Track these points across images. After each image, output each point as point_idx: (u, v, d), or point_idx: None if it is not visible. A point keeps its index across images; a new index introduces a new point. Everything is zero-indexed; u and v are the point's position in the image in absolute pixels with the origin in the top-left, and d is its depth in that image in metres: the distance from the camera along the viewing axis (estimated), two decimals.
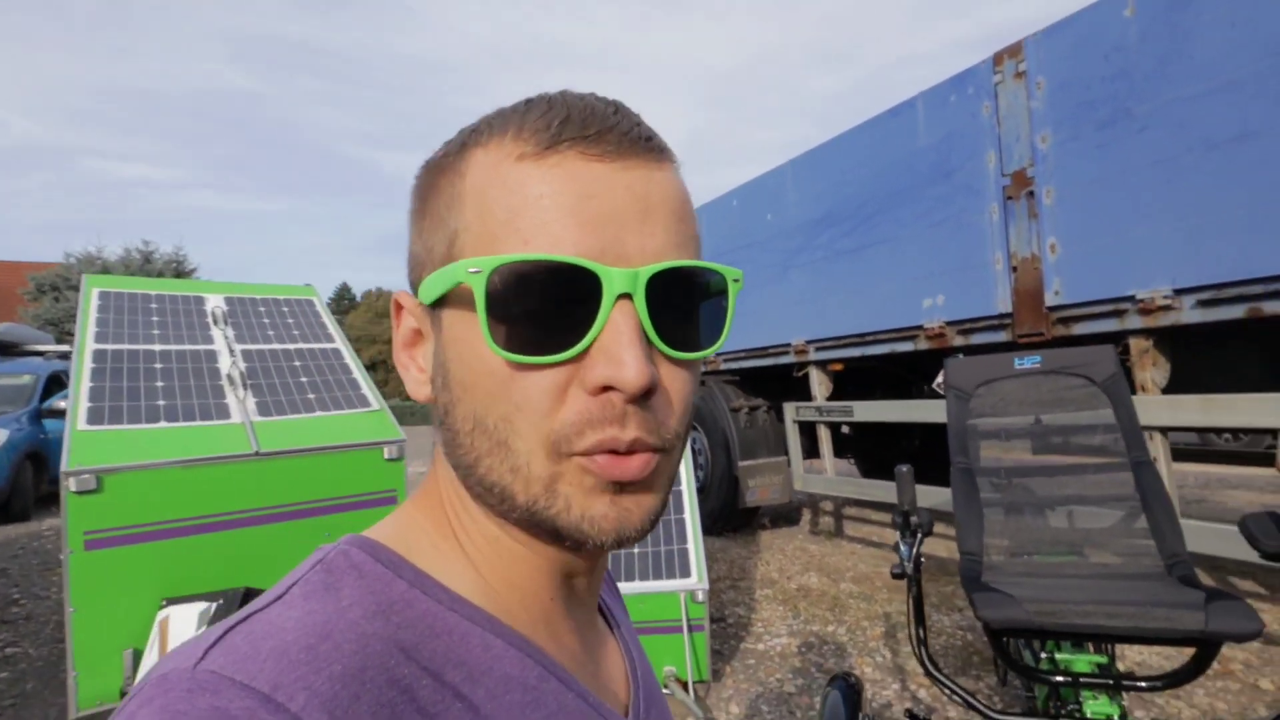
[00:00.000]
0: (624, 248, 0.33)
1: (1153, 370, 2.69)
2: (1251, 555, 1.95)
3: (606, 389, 0.33)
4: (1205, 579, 3.48)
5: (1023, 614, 1.65)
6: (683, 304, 0.36)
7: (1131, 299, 2.65)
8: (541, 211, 0.33)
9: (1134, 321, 2.67)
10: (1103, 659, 1.87)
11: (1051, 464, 2.27)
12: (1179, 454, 4.31)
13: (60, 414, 7.01)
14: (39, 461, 7.11)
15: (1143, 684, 1.67)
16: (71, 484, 2.18)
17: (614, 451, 0.33)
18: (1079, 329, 2.88)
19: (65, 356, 8.66)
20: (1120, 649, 2.85)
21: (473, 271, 0.32)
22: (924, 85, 3.52)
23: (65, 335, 13.85)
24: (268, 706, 0.26)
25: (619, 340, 0.32)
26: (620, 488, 0.34)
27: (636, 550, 2.84)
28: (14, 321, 12.43)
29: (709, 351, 0.38)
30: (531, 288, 0.32)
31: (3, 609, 4.03)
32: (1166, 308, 2.55)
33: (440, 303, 0.36)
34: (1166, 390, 2.69)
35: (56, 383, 7.70)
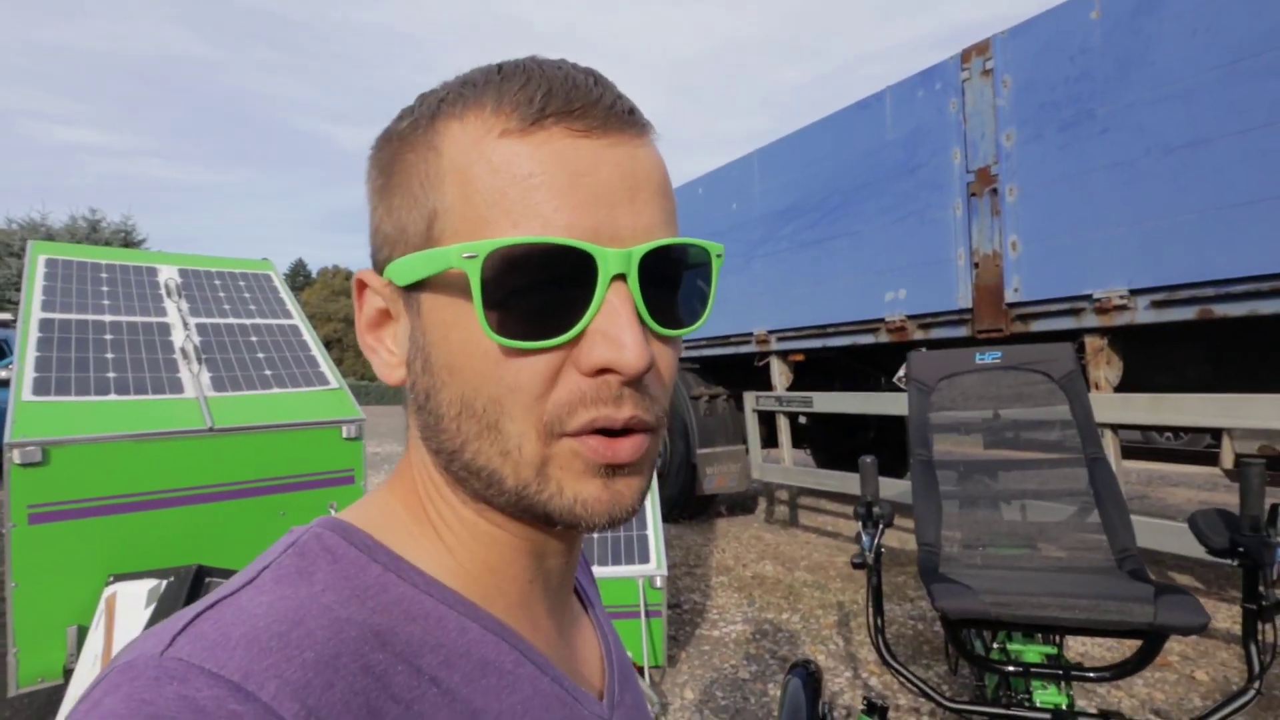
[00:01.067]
0: (616, 227, 0.33)
1: (1106, 369, 2.76)
2: (1195, 550, 2.01)
3: (603, 371, 0.32)
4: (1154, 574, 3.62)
5: (980, 605, 1.66)
6: (671, 281, 0.36)
7: (1089, 298, 2.71)
8: (531, 192, 0.32)
9: (1090, 320, 2.73)
10: (1052, 649, 1.91)
11: (1008, 458, 2.31)
12: (1125, 451, 4.48)
13: (3, 384, 6.68)
14: None
15: (1091, 674, 1.70)
16: (16, 456, 2.12)
17: (605, 433, 0.33)
18: (1037, 326, 2.93)
19: (6, 325, 8.24)
20: (1068, 641, 2.94)
21: (467, 257, 0.31)
22: (888, 81, 3.52)
23: (7, 303, 13.12)
24: (237, 696, 0.25)
25: (617, 322, 0.32)
26: (612, 470, 0.34)
27: (596, 535, 2.80)
28: None
29: (695, 326, 0.38)
30: (526, 271, 0.31)
31: None
32: (1122, 307, 2.61)
33: (419, 285, 0.34)
34: (1118, 389, 2.76)
35: (0, 351, 7.31)
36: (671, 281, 0.35)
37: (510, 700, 0.35)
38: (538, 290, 0.32)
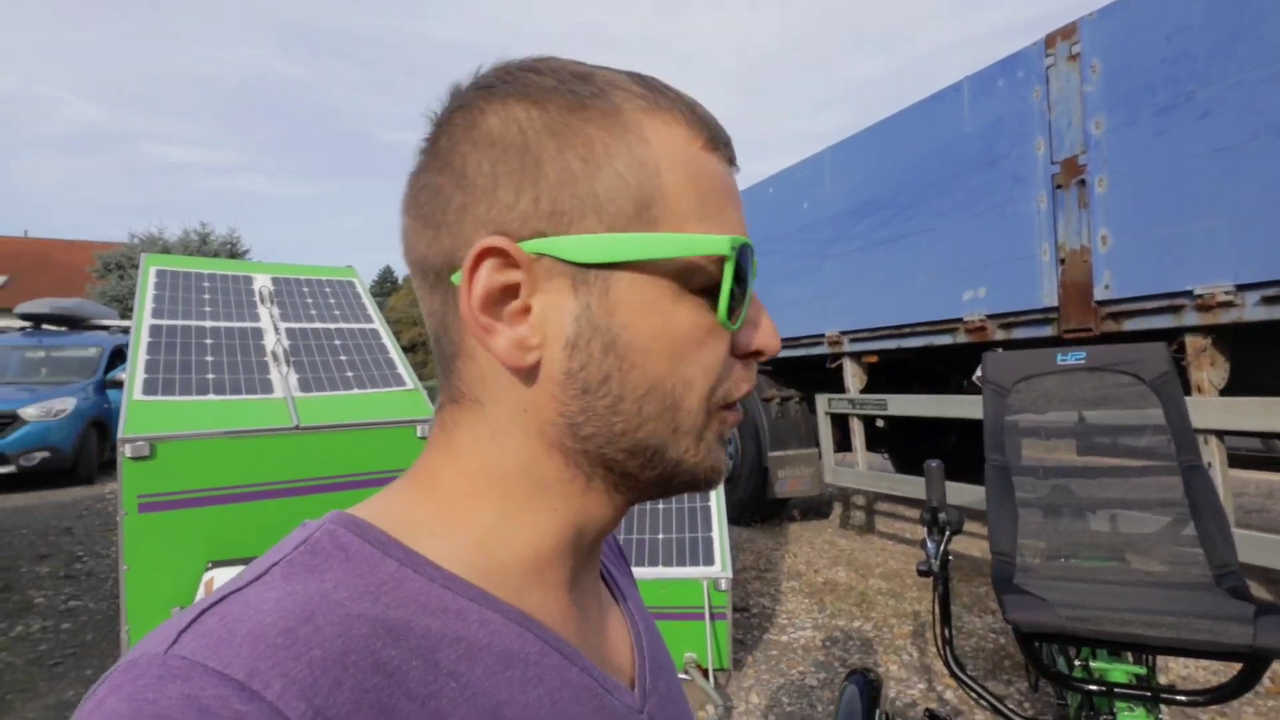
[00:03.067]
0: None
1: (1210, 370, 2.55)
2: None
3: (754, 353, 0.39)
4: (1260, 593, 3.32)
5: (1055, 619, 1.58)
6: None
7: (1189, 294, 2.51)
8: (726, 201, 0.37)
9: (1191, 318, 2.54)
10: (1141, 670, 1.79)
11: (1094, 465, 2.17)
12: (1240, 460, 4.11)
13: (122, 385, 7.30)
14: (103, 429, 7.53)
15: (1183, 698, 1.59)
16: (127, 450, 2.30)
17: (732, 406, 0.39)
18: (1131, 325, 2.74)
19: (128, 331, 9.04)
20: (1162, 662, 2.73)
21: (734, 249, 0.35)
22: (967, 71, 3.38)
23: (128, 311, 14.43)
24: (242, 695, 0.25)
25: (763, 314, 0.39)
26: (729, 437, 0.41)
27: (661, 536, 2.83)
28: (82, 298, 12.99)
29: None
30: (743, 266, 0.37)
31: (68, 565, 4.28)
32: (1227, 304, 2.41)
33: (615, 265, 0.34)
34: (1224, 392, 2.55)
35: (119, 356, 8.11)
36: None
37: (536, 692, 0.34)
38: (739, 283, 0.37)
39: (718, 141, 0.38)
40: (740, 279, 0.36)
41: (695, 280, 0.35)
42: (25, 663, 2.91)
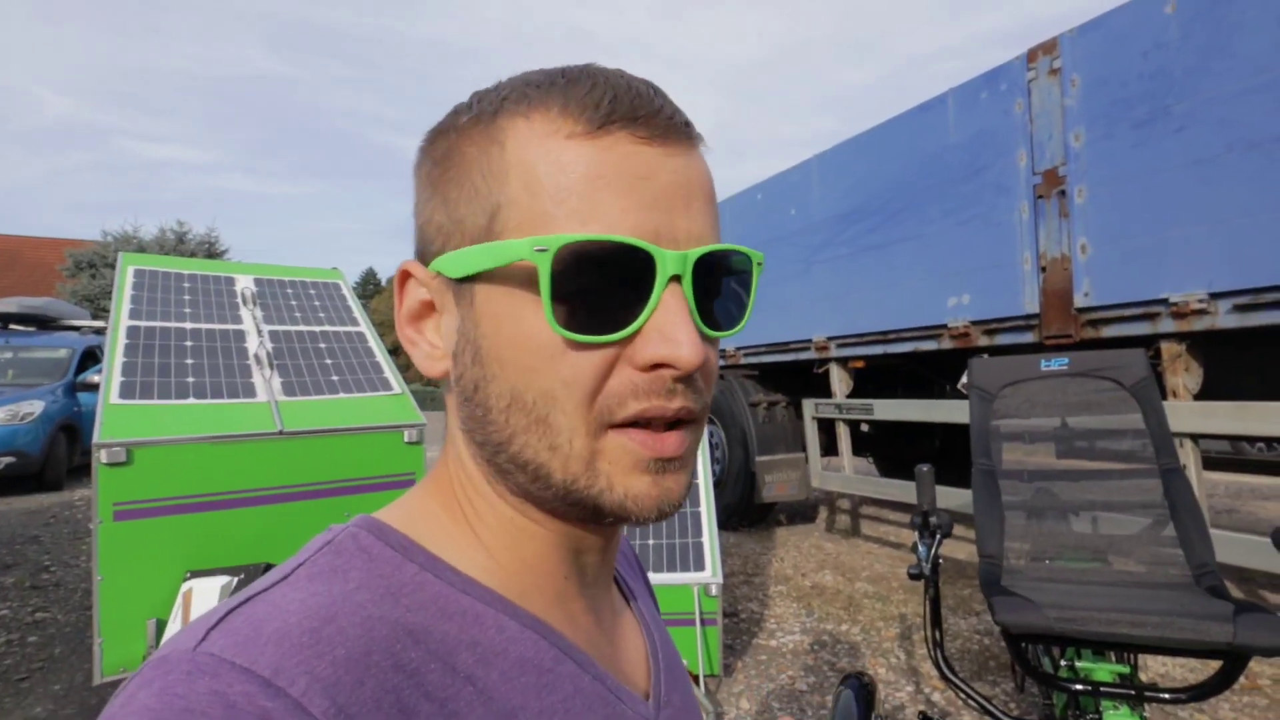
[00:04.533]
0: (673, 231, 0.34)
1: (1185, 376, 2.63)
2: None
3: (658, 366, 0.34)
4: (1235, 591, 3.40)
5: (1043, 620, 1.62)
6: (717, 285, 0.37)
7: (1165, 302, 2.59)
8: (597, 193, 0.33)
9: (1167, 325, 2.61)
10: (1124, 669, 1.83)
11: (1077, 468, 2.23)
12: (1210, 463, 4.21)
13: (94, 387, 7.17)
14: (72, 433, 7.32)
15: (1165, 695, 1.63)
16: (102, 455, 2.22)
17: (649, 428, 0.35)
18: (1109, 331, 2.82)
19: (100, 332, 8.80)
20: (1143, 660, 2.80)
21: (539, 250, 0.32)
22: (954, 79, 3.44)
23: (101, 311, 14.07)
24: (268, 691, 0.25)
25: (674, 320, 0.33)
26: (660, 466, 0.35)
27: (651, 541, 2.84)
28: (52, 297, 12.70)
29: (734, 331, 0.39)
30: (592, 268, 0.32)
31: (35, 575, 4.15)
32: (1201, 312, 2.48)
33: (475, 277, 0.35)
34: (1199, 396, 2.62)
35: (91, 357, 7.90)
36: (716, 286, 0.37)
37: (550, 699, 0.34)
38: (600, 287, 0.33)
39: (600, 121, 0.33)
40: (597, 277, 0.33)
41: (566, 287, 0.33)
42: None
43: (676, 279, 0.34)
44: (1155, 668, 2.79)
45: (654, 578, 2.68)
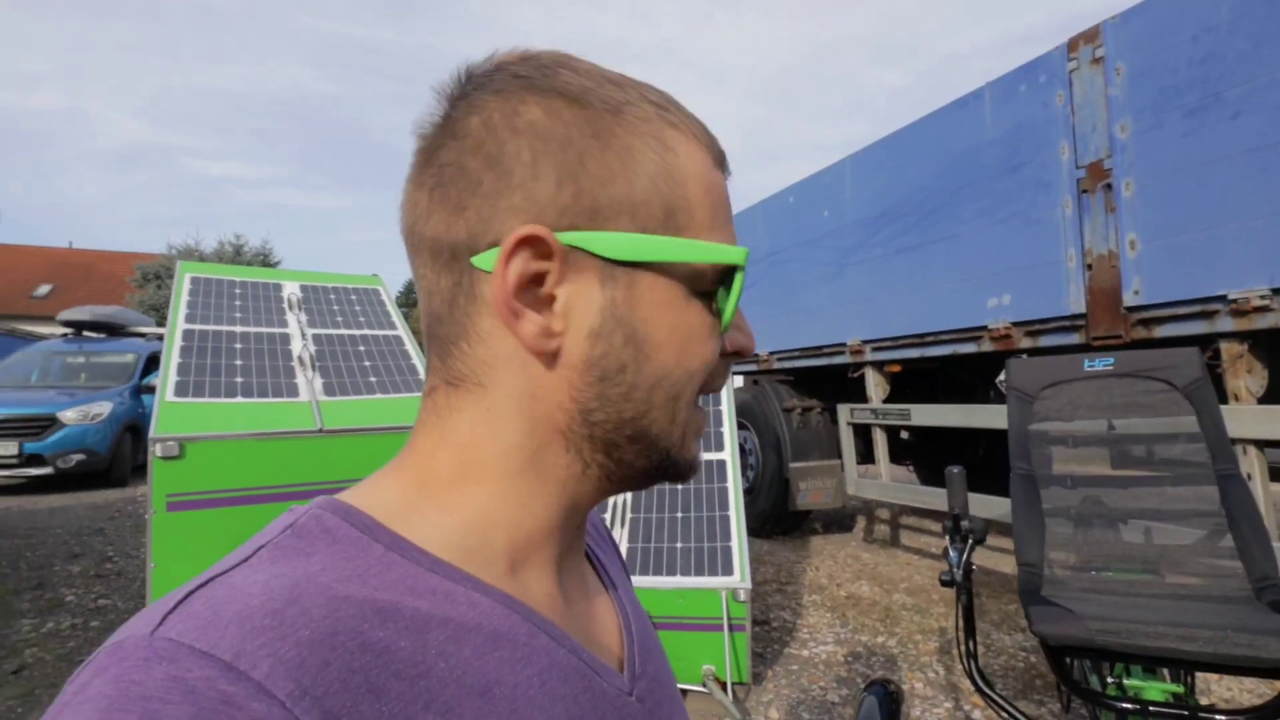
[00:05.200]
0: None
1: (1247, 377, 2.47)
2: None
3: (736, 353, 0.42)
4: None
5: (1084, 631, 1.53)
6: None
7: (1223, 299, 2.44)
8: (730, 214, 0.41)
9: (1226, 324, 2.46)
10: (1178, 688, 1.72)
11: (1125, 474, 2.11)
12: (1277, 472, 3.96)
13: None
14: (137, 433, 7.74)
15: (1222, 718, 1.52)
16: (157, 449, 2.34)
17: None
18: (1162, 331, 2.67)
19: (163, 338, 9.26)
20: (1205, 681, 2.63)
21: (745, 260, 0.39)
22: (990, 78, 3.34)
23: (165, 319, 14.84)
24: (229, 675, 0.25)
25: (743, 318, 0.42)
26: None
27: (680, 545, 2.80)
28: (121, 306, 13.41)
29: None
30: (741, 274, 0.40)
31: (99, 564, 4.38)
32: (1264, 309, 2.33)
33: (642, 263, 0.37)
34: (1263, 400, 2.46)
35: (155, 362, 8.32)
36: None
37: (525, 673, 0.34)
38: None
39: (721, 159, 0.41)
40: (730, 280, 0.40)
41: (701, 283, 0.38)
42: (54, 659, 2.97)
43: None
44: (1220, 691, 2.62)
45: (680, 581, 2.64)
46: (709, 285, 0.39)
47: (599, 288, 0.36)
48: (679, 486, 3.04)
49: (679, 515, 2.95)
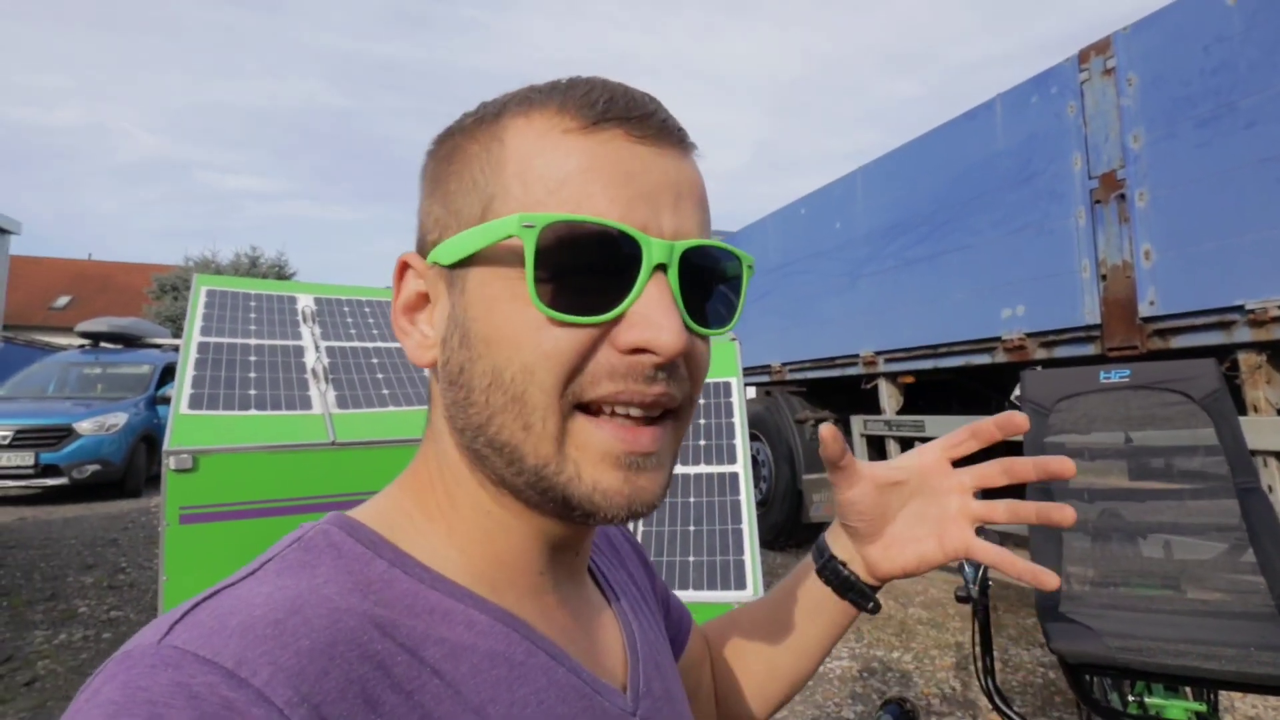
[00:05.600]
0: (660, 225, 0.35)
1: (1266, 388, 2.44)
2: None
3: (639, 351, 0.34)
4: None
5: (1103, 649, 1.51)
6: (706, 282, 0.38)
7: (1240, 309, 2.41)
8: (588, 183, 0.34)
9: (1243, 334, 2.43)
10: (1201, 707, 1.69)
11: (1144, 488, 2.08)
12: None
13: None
14: (152, 444, 7.77)
15: None
16: (171, 462, 2.35)
17: (626, 419, 0.35)
18: (1179, 342, 2.64)
19: (179, 349, 9.31)
20: (1229, 700, 2.58)
21: (526, 226, 0.33)
22: (1002, 88, 3.34)
23: (181, 331, 14.99)
24: (231, 682, 0.26)
25: (658, 306, 0.34)
26: (634, 461, 0.35)
27: (691, 559, 2.79)
28: (139, 317, 13.55)
29: (723, 331, 0.40)
30: (577, 249, 0.33)
31: (112, 575, 4.40)
32: None
33: (467, 261, 0.36)
34: None
35: (171, 373, 8.40)
36: (704, 283, 0.38)
37: (522, 691, 0.34)
38: (585, 269, 0.34)
39: (595, 119, 0.35)
40: (581, 258, 0.33)
41: (540, 270, 0.33)
42: (67, 670, 2.98)
43: (662, 268, 0.35)
44: (1244, 709, 2.56)
45: (693, 595, 2.62)
46: (554, 266, 0.33)
47: (447, 296, 0.37)
48: (690, 499, 3.03)
49: (691, 529, 2.94)
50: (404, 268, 0.39)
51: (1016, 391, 2.25)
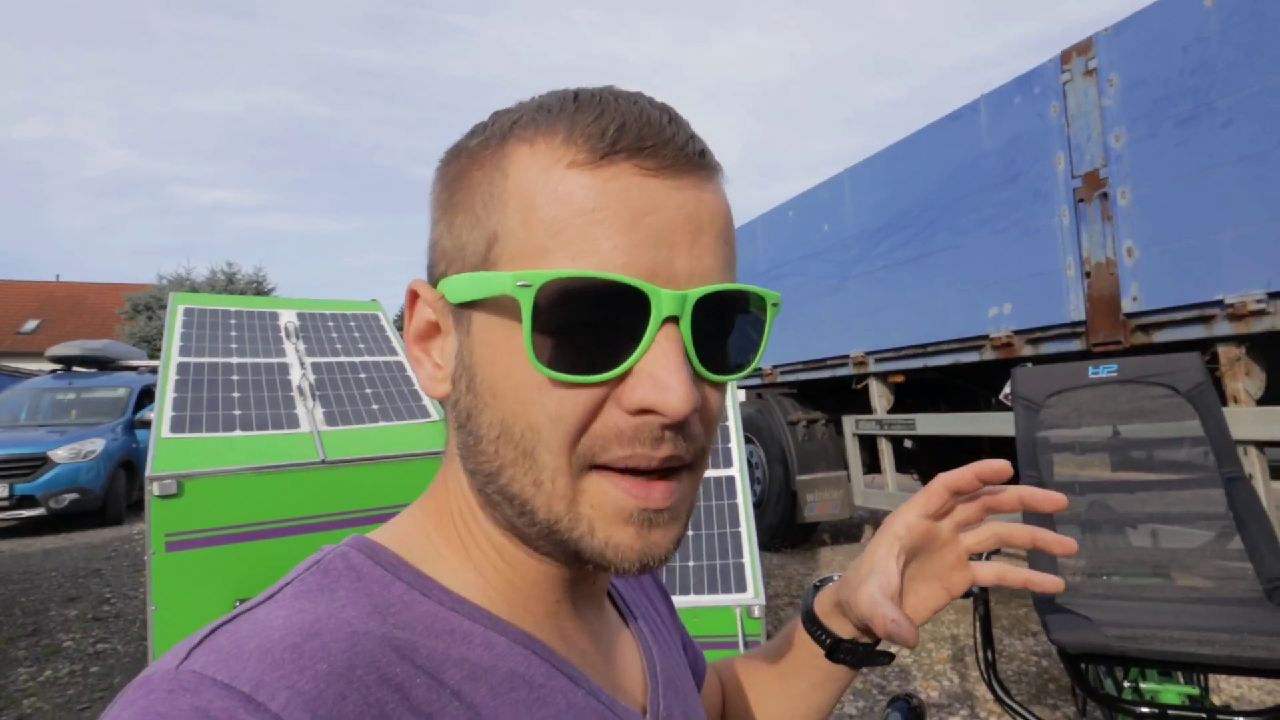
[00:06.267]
0: (673, 269, 0.33)
1: (1245, 380, 2.50)
2: None
3: (645, 412, 0.32)
4: None
5: (1100, 638, 1.54)
6: (723, 326, 0.35)
7: (1220, 304, 2.48)
8: (592, 226, 0.32)
9: (1223, 328, 2.50)
10: (1194, 690, 1.73)
11: (1132, 479, 2.13)
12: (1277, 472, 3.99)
13: (150, 424, 7.37)
14: (131, 469, 7.56)
15: (1239, 718, 1.53)
16: (155, 488, 2.27)
17: (638, 472, 0.33)
18: (1161, 336, 2.71)
19: (156, 371, 9.10)
20: (1215, 681, 2.64)
21: (522, 286, 0.31)
22: (986, 89, 3.40)
23: (157, 351, 14.61)
24: (248, 706, 0.25)
25: (665, 365, 0.32)
26: (647, 518, 0.34)
27: (691, 563, 2.81)
28: (111, 339, 13.27)
29: (742, 374, 0.37)
30: (579, 305, 0.31)
31: (96, 607, 4.29)
32: (1260, 312, 2.37)
33: (471, 305, 0.34)
34: (1262, 401, 2.49)
35: (148, 395, 8.18)
36: (724, 326, 0.35)
37: (541, 714, 0.34)
38: (589, 325, 0.32)
39: (604, 151, 0.32)
40: (585, 315, 0.31)
41: (544, 323, 0.32)
42: (54, 708, 2.89)
43: (673, 320, 0.32)
44: (1229, 690, 2.63)
45: (694, 600, 2.64)
46: (554, 324, 0.32)
47: (455, 333, 0.36)
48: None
49: (690, 533, 2.96)
50: (414, 296, 0.38)
51: (1007, 388, 2.29)
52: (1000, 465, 0.48)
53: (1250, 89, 2.35)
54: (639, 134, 0.33)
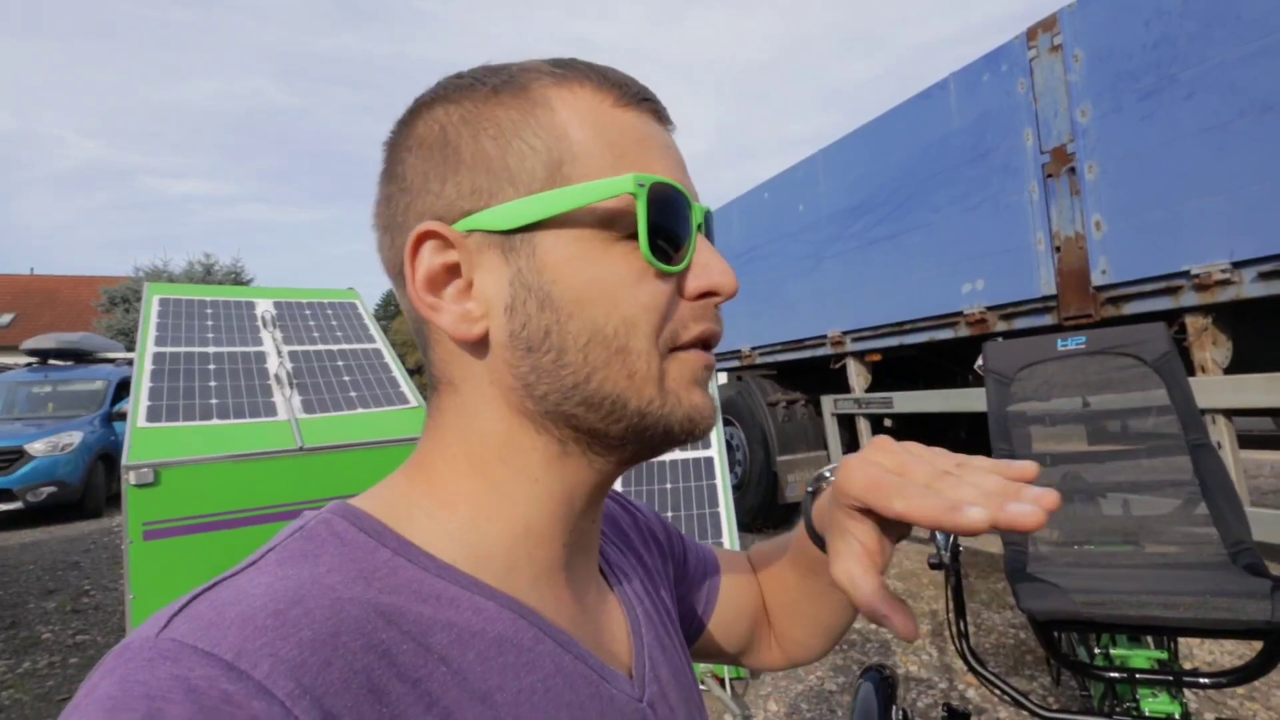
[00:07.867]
0: (692, 191, 0.40)
1: (1212, 349, 2.54)
2: None
3: (707, 295, 0.39)
4: (1276, 570, 3.27)
5: (1069, 605, 1.57)
6: (708, 235, 0.43)
7: (1186, 274, 2.51)
8: (646, 151, 0.38)
9: (1190, 298, 2.53)
10: (1163, 654, 1.77)
11: (1102, 449, 2.16)
12: (1252, 441, 4.07)
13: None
14: (110, 462, 7.50)
15: (1205, 680, 1.57)
16: (131, 477, 2.27)
17: (705, 346, 0.40)
18: (1130, 308, 2.74)
19: (133, 363, 9.01)
20: (1187, 646, 2.70)
21: (640, 185, 0.35)
22: (957, 66, 3.40)
23: (134, 344, 14.45)
24: (230, 674, 0.25)
25: (713, 256, 0.39)
26: (705, 379, 0.40)
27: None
28: (88, 332, 13.05)
29: None
30: (666, 206, 0.37)
31: (76, 599, 4.26)
32: (1225, 282, 2.40)
33: (534, 226, 0.36)
34: (1229, 370, 2.53)
35: (126, 388, 8.08)
36: (708, 235, 0.43)
37: (529, 678, 0.34)
38: (666, 225, 0.37)
39: (632, 98, 0.39)
40: (667, 216, 0.37)
41: (620, 226, 0.36)
42: (33, 699, 2.89)
43: (699, 227, 0.40)
44: (1202, 655, 2.69)
45: None
46: (629, 227, 0.36)
47: (504, 263, 0.36)
48: (666, 485, 3.06)
49: (669, 514, 2.96)
50: (423, 240, 0.37)
51: (979, 362, 2.31)
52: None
53: (1210, 61, 2.37)
54: (641, 89, 0.39)
